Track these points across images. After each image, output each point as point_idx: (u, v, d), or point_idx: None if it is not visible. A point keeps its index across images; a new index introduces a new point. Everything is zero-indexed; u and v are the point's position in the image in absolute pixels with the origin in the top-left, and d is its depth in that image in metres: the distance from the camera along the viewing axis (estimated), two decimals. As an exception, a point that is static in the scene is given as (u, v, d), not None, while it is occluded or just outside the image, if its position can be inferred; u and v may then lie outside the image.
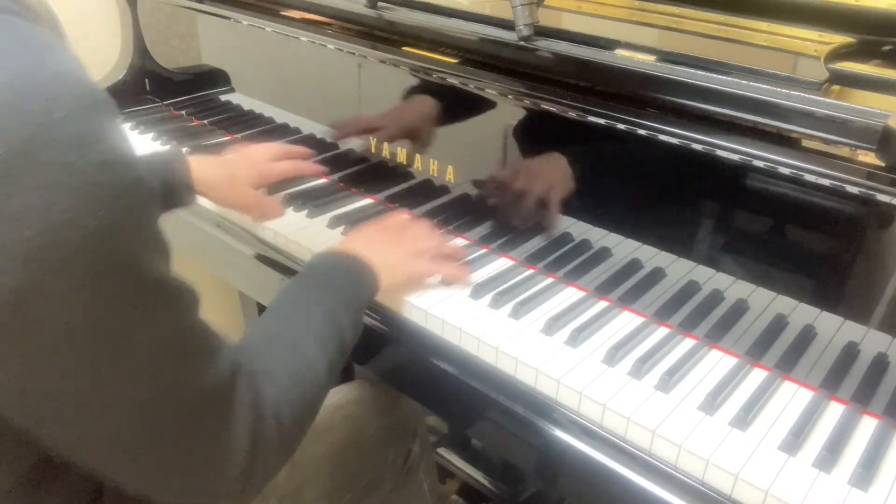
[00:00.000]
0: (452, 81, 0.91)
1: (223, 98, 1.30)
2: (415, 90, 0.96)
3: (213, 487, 0.54)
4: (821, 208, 0.67)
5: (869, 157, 0.63)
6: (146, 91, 1.43)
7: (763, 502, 0.60)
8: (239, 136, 1.27)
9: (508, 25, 0.84)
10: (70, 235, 0.39)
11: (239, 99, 1.27)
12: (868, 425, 0.67)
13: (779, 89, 0.68)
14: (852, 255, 0.68)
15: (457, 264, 0.87)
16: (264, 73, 1.21)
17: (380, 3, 1.00)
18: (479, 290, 0.84)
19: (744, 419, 0.66)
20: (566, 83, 0.81)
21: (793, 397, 0.70)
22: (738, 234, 0.76)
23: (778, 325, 0.74)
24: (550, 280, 0.87)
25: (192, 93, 1.36)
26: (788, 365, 0.72)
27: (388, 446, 0.94)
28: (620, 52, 0.80)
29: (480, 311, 0.82)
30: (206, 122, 1.33)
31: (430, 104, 0.96)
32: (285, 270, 0.96)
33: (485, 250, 0.94)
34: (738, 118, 0.70)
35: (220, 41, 1.27)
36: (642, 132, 0.75)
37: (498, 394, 0.74)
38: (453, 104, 0.94)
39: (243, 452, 0.53)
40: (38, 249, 0.39)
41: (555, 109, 0.82)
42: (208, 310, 0.50)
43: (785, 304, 0.73)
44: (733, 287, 0.77)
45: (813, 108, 0.66)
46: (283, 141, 1.19)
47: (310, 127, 1.15)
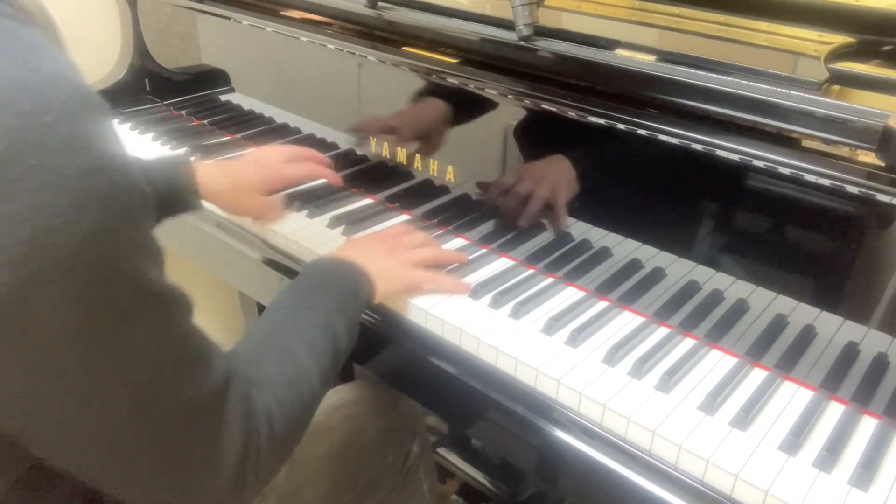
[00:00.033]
0: (452, 81, 0.91)
1: (223, 98, 1.30)
2: (415, 90, 0.96)
3: (205, 495, 0.53)
4: (821, 208, 0.68)
5: (869, 157, 0.63)
6: (146, 91, 1.43)
7: (763, 502, 0.60)
8: (239, 136, 1.27)
9: (508, 25, 0.84)
10: (60, 240, 0.39)
11: (239, 99, 1.27)
12: (868, 425, 0.67)
13: (779, 89, 0.68)
14: (852, 255, 0.68)
15: (455, 279, 0.86)
16: (264, 73, 1.21)
17: (380, 3, 1.00)
18: (479, 290, 0.84)
19: (744, 419, 0.66)
20: (566, 83, 0.81)
21: (793, 397, 0.70)
22: (738, 234, 0.76)
23: (778, 325, 0.74)
24: (550, 280, 0.87)
25: (192, 93, 1.36)
26: (788, 365, 0.72)
27: (387, 446, 0.94)
28: (620, 52, 0.80)
29: (480, 311, 0.82)
30: (206, 122, 1.33)
31: (429, 104, 0.96)
32: (285, 270, 0.96)
33: (485, 250, 0.94)
34: (738, 118, 0.70)
35: (220, 41, 1.27)
36: (642, 132, 0.75)
37: (498, 394, 0.74)
38: (453, 104, 0.94)
39: (235, 460, 0.53)
40: (28, 254, 0.38)
41: (555, 109, 0.82)
42: (208, 310, 0.50)
43: (785, 304, 0.73)
44: (733, 287, 0.77)
45: (813, 108, 0.66)
46: (283, 141, 1.19)
47: (310, 127, 1.15)
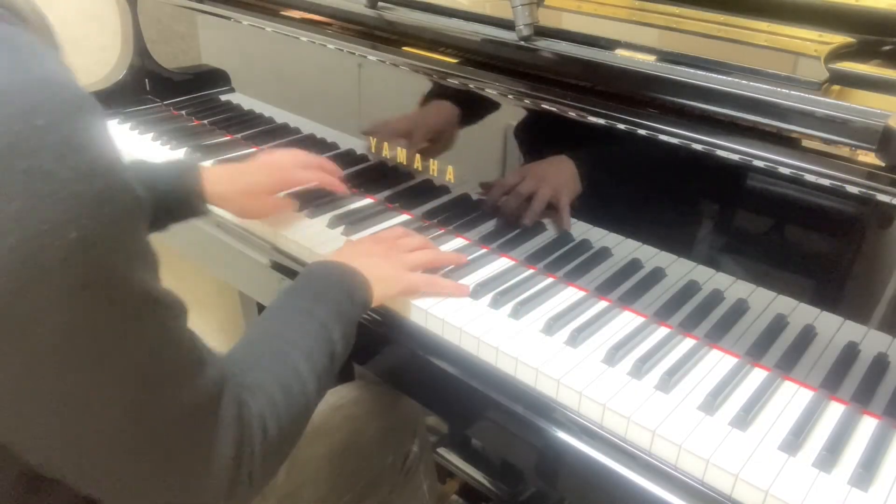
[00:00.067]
0: (452, 82, 0.91)
1: (223, 98, 1.30)
2: (415, 91, 0.96)
3: (198, 500, 0.53)
4: (821, 208, 0.67)
5: (869, 157, 0.63)
6: (146, 91, 1.43)
7: (763, 502, 0.60)
8: (239, 136, 1.27)
9: (508, 25, 0.84)
10: (50, 246, 0.38)
11: (239, 99, 1.27)
12: (868, 425, 0.67)
13: (779, 89, 0.68)
14: (852, 255, 0.68)
15: (453, 281, 0.85)
16: (264, 73, 1.21)
17: (380, 3, 1.00)
18: (479, 290, 0.84)
19: (744, 419, 0.66)
20: (566, 83, 0.81)
21: (793, 397, 0.70)
22: (738, 234, 0.76)
23: (778, 325, 0.74)
24: (550, 280, 0.87)
25: (192, 93, 1.36)
26: (788, 365, 0.72)
27: (387, 447, 0.94)
28: (620, 52, 0.80)
29: (480, 310, 0.82)
30: (206, 122, 1.33)
31: (429, 105, 0.96)
32: (285, 270, 0.96)
33: (485, 250, 0.94)
34: (738, 118, 0.70)
35: (220, 41, 1.27)
36: (642, 132, 0.75)
37: (498, 394, 0.74)
38: (453, 104, 0.94)
39: (228, 466, 0.52)
40: (18, 260, 0.38)
41: (555, 109, 0.82)
42: (208, 310, 0.50)
43: (785, 304, 0.73)
44: (733, 287, 0.77)
45: (813, 108, 0.66)
46: (283, 141, 1.19)
47: (310, 127, 1.15)
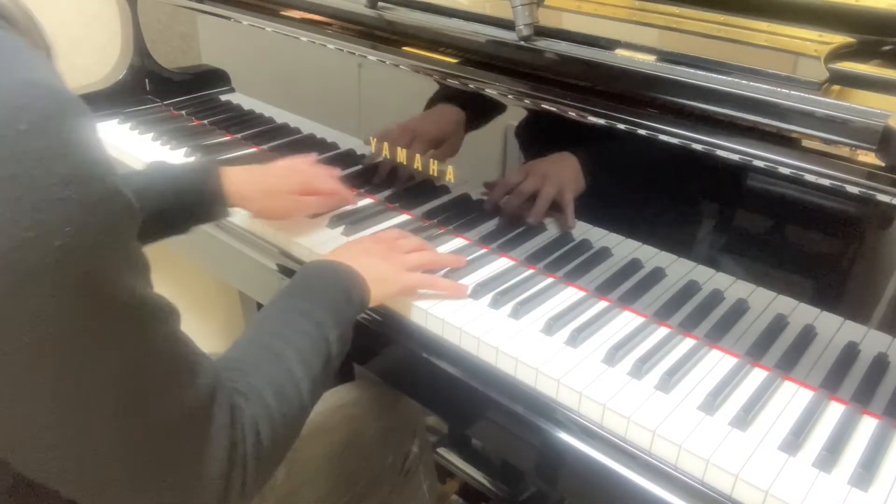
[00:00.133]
0: (452, 82, 0.91)
1: (223, 98, 1.30)
2: (415, 91, 0.96)
3: None
4: (821, 208, 0.67)
5: (869, 157, 0.63)
6: (146, 91, 1.43)
7: (763, 502, 0.60)
8: (239, 136, 1.27)
9: (508, 25, 0.84)
10: (35, 253, 0.38)
11: (239, 99, 1.27)
12: (868, 425, 0.67)
13: (779, 89, 0.68)
14: (852, 255, 0.68)
15: (452, 281, 0.85)
16: (264, 73, 1.21)
17: (380, 3, 1.00)
18: (479, 290, 0.84)
19: (744, 419, 0.66)
20: (566, 83, 0.81)
21: (793, 397, 0.70)
22: (738, 234, 0.76)
23: (778, 325, 0.74)
24: (550, 280, 0.87)
25: (192, 93, 1.36)
26: (788, 365, 0.72)
27: (387, 447, 0.94)
28: (620, 52, 0.80)
29: (480, 310, 0.82)
30: (206, 122, 1.33)
31: (430, 108, 0.96)
32: (286, 270, 0.96)
33: (485, 250, 0.94)
34: (738, 118, 0.70)
35: (220, 41, 1.27)
36: (642, 132, 0.75)
37: (498, 394, 0.74)
38: (453, 105, 0.94)
39: (221, 471, 0.52)
40: (4, 267, 0.37)
41: (555, 109, 0.82)
42: (208, 310, 0.50)
43: (785, 304, 0.73)
44: (733, 287, 0.77)
45: (813, 108, 0.66)
46: (283, 141, 1.19)
47: (310, 127, 1.15)
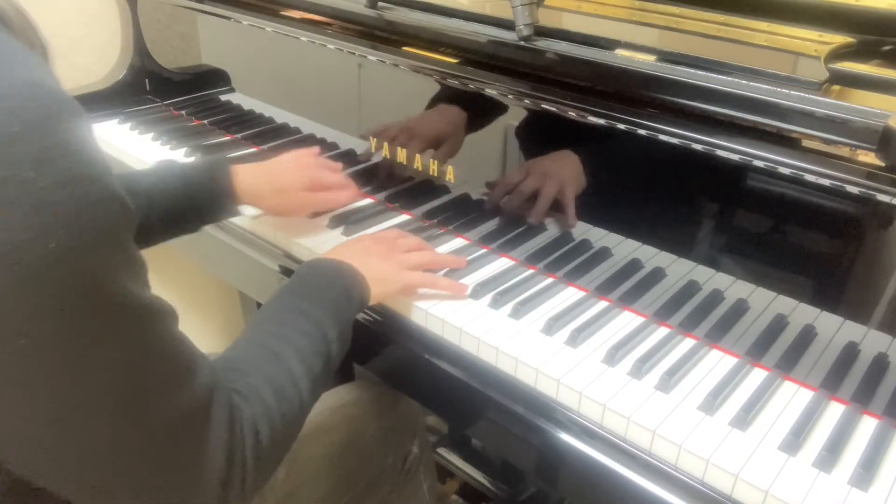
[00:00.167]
0: (452, 82, 0.91)
1: (223, 98, 1.30)
2: (415, 91, 0.96)
3: None
4: (821, 208, 0.67)
5: (869, 157, 0.63)
6: (146, 91, 1.43)
7: (763, 502, 0.60)
8: (239, 136, 1.27)
9: (508, 25, 0.84)
10: (29, 256, 0.38)
11: (239, 99, 1.27)
12: (868, 425, 0.67)
13: (779, 89, 0.68)
14: (852, 255, 0.68)
15: (452, 280, 0.85)
16: (264, 73, 1.21)
17: (380, 3, 1.00)
18: (479, 290, 0.84)
19: (744, 419, 0.66)
20: (566, 83, 0.81)
21: (793, 397, 0.70)
22: (738, 234, 0.76)
23: (778, 325, 0.74)
24: (550, 280, 0.87)
25: (192, 93, 1.36)
26: (788, 365, 0.72)
27: (387, 447, 0.94)
28: (620, 52, 0.80)
29: (480, 310, 0.82)
30: (206, 122, 1.33)
31: (430, 108, 0.96)
32: (286, 270, 0.96)
33: (485, 250, 0.94)
34: (738, 118, 0.70)
35: (220, 41, 1.27)
36: (642, 132, 0.75)
37: (498, 394, 0.74)
38: (453, 106, 0.94)
39: (220, 472, 0.52)
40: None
41: (555, 109, 0.82)
42: (209, 310, 0.49)
43: (785, 304, 0.73)
44: (733, 287, 0.77)
45: (813, 108, 0.66)
46: (283, 141, 1.19)
47: (310, 127, 1.15)
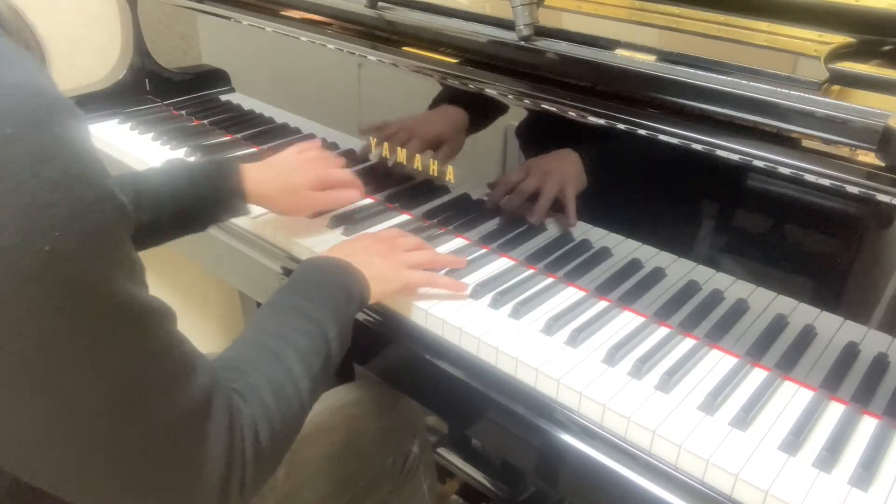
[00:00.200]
0: (452, 82, 0.91)
1: (223, 98, 1.30)
2: (415, 91, 0.96)
3: None
4: (821, 208, 0.67)
5: (869, 157, 0.63)
6: (146, 91, 1.43)
7: (763, 502, 0.60)
8: (239, 136, 1.27)
9: (508, 25, 0.84)
10: (23, 258, 0.38)
11: (239, 99, 1.27)
12: (868, 425, 0.67)
13: (779, 89, 0.68)
14: (852, 255, 0.68)
15: (452, 278, 0.85)
16: (264, 73, 1.21)
17: (380, 3, 1.00)
18: (479, 290, 0.84)
19: (744, 419, 0.66)
20: (566, 83, 0.81)
21: (793, 397, 0.70)
22: (738, 234, 0.76)
23: (778, 325, 0.74)
24: (550, 280, 0.87)
25: (192, 93, 1.36)
26: (788, 365, 0.72)
27: (387, 447, 0.94)
28: (620, 52, 0.80)
29: (480, 310, 0.82)
30: (206, 122, 1.33)
31: (430, 109, 0.96)
32: (287, 270, 0.96)
33: (485, 250, 0.94)
34: (738, 118, 0.70)
35: (220, 41, 1.27)
36: (642, 132, 0.75)
37: (498, 394, 0.74)
38: (453, 106, 0.94)
39: (219, 473, 0.52)
40: None
41: (555, 109, 0.82)
42: (208, 310, 0.49)
43: (785, 304, 0.73)
44: (733, 287, 0.77)
45: (813, 108, 0.66)
46: (283, 141, 1.19)
47: (310, 127, 1.15)
